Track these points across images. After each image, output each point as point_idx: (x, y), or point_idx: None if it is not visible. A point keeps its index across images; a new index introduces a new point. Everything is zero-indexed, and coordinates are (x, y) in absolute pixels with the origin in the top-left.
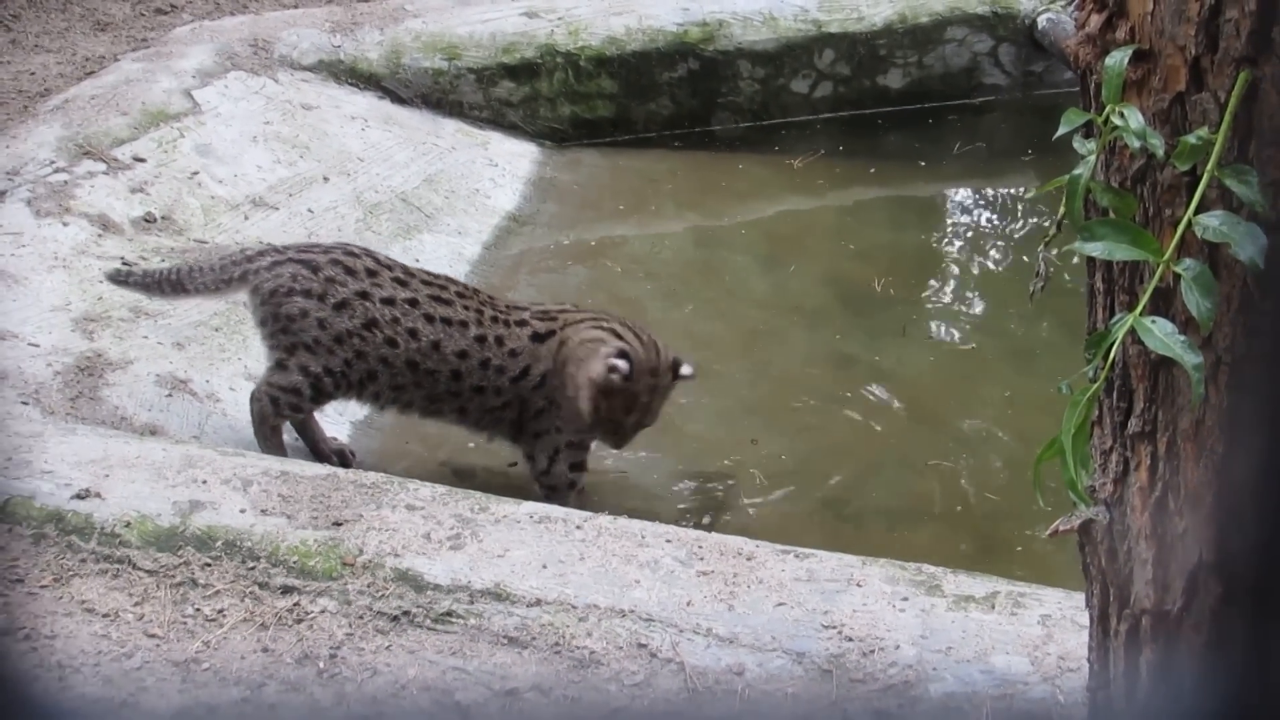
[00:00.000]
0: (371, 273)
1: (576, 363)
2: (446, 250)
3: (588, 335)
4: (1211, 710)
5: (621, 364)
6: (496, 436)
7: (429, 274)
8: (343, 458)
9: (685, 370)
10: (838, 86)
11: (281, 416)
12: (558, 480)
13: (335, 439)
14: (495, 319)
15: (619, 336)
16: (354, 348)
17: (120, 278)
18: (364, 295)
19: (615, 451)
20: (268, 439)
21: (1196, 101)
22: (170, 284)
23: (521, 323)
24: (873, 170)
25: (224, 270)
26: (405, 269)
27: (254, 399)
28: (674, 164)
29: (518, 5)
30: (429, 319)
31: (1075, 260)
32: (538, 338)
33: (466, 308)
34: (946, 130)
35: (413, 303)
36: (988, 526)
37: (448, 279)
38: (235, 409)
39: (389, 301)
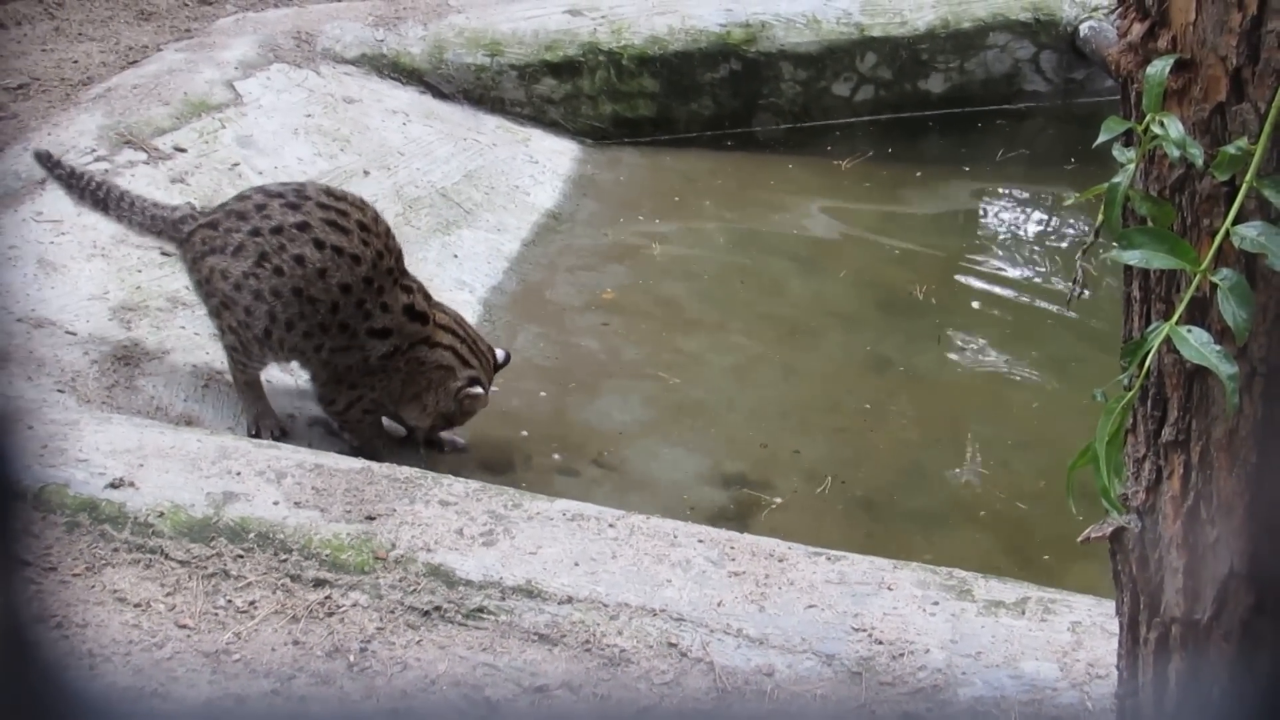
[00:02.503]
0: (260, 207)
1: (433, 388)
2: (485, 246)
3: (443, 360)
4: None
5: (475, 390)
6: (312, 373)
7: (331, 196)
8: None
9: (500, 356)
10: (879, 90)
11: (243, 371)
12: (351, 418)
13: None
14: (388, 272)
15: (466, 363)
16: (251, 289)
17: (46, 161)
18: (255, 232)
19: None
20: (245, 392)
21: (1237, 112)
22: (93, 198)
23: (407, 290)
24: (919, 174)
25: (152, 220)
26: (299, 191)
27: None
28: (714, 164)
29: (561, 3)
30: (318, 245)
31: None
32: (411, 313)
33: (366, 243)
34: (990, 136)
35: (302, 226)
36: (1020, 532)
37: (357, 203)
38: (271, 401)
39: (277, 230)
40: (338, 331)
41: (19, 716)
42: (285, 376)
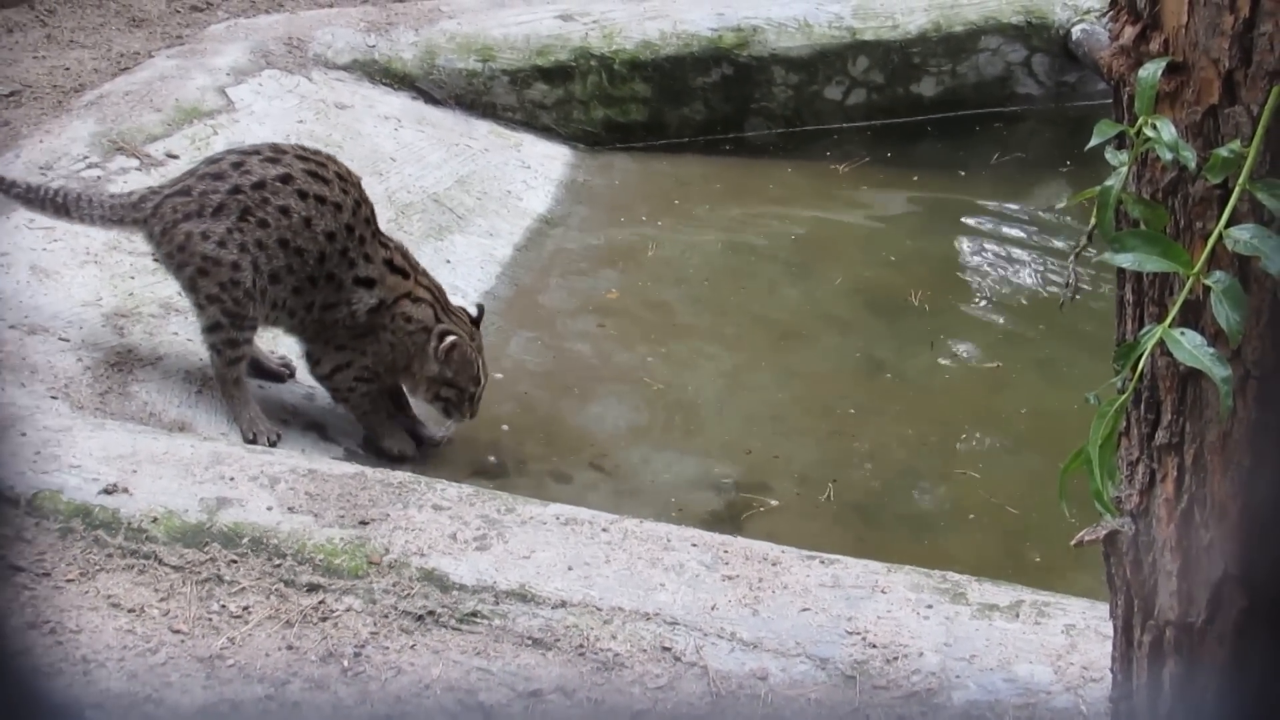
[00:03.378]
0: (238, 164)
1: (418, 353)
2: (478, 251)
3: (424, 317)
4: None
5: (449, 339)
6: (303, 340)
7: (306, 150)
8: (287, 367)
9: (473, 312)
10: (871, 94)
11: (231, 361)
12: (338, 385)
13: (274, 353)
14: (366, 221)
15: (439, 319)
16: (237, 242)
17: (2, 185)
18: (236, 190)
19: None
20: (231, 396)
21: (1229, 115)
22: (54, 205)
23: (384, 245)
24: (915, 178)
25: (112, 210)
26: (275, 147)
27: (210, 363)
28: (706, 169)
29: (553, 8)
30: (301, 195)
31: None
32: (391, 265)
33: (345, 193)
34: (985, 139)
35: (285, 179)
36: (1013, 535)
37: (330, 158)
38: (264, 407)
39: (259, 185)
40: (325, 283)
41: None
42: (276, 388)
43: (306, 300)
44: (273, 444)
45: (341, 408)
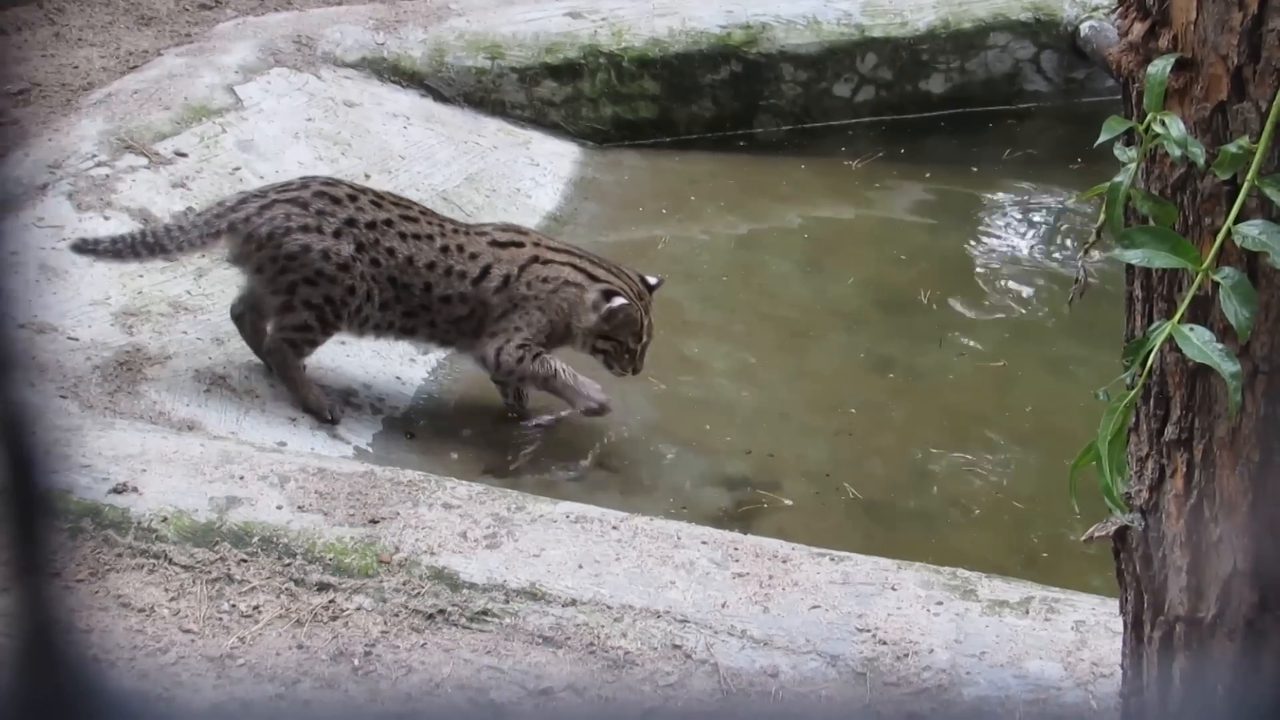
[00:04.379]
0: (352, 198)
1: (570, 305)
2: None
3: (571, 277)
4: (1245, 718)
5: (619, 302)
6: (462, 349)
7: (395, 196)
8: None
9: (652, 280)
10: (879, 91)
11: (302, 356)
12: (510, 363)
13: None
14: (456, 230)
15: (594, 277)
16: (354, 272)
17: (86, 247)
18: (351, 222)
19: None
20: (297, 383)
21: (1238, 111)
22: (146, 246)
23: (482, 233)
24: (927, 174)
25: (208, 224)
26: (375, 193)
27: (271, 351)
28: (715, 166)
29: (561, 5)
30: (402, 236)
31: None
32: (498, 244)
33: (431, 224)
34: (998, 136)
35: (388, 223)
36: (1021, 532)
37: (413, 201)
38: (273, 405)
39: (370, 225)
40: (442, 304)
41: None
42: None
43: (427, 320)
44: (337, 419)
45: (531, 386)
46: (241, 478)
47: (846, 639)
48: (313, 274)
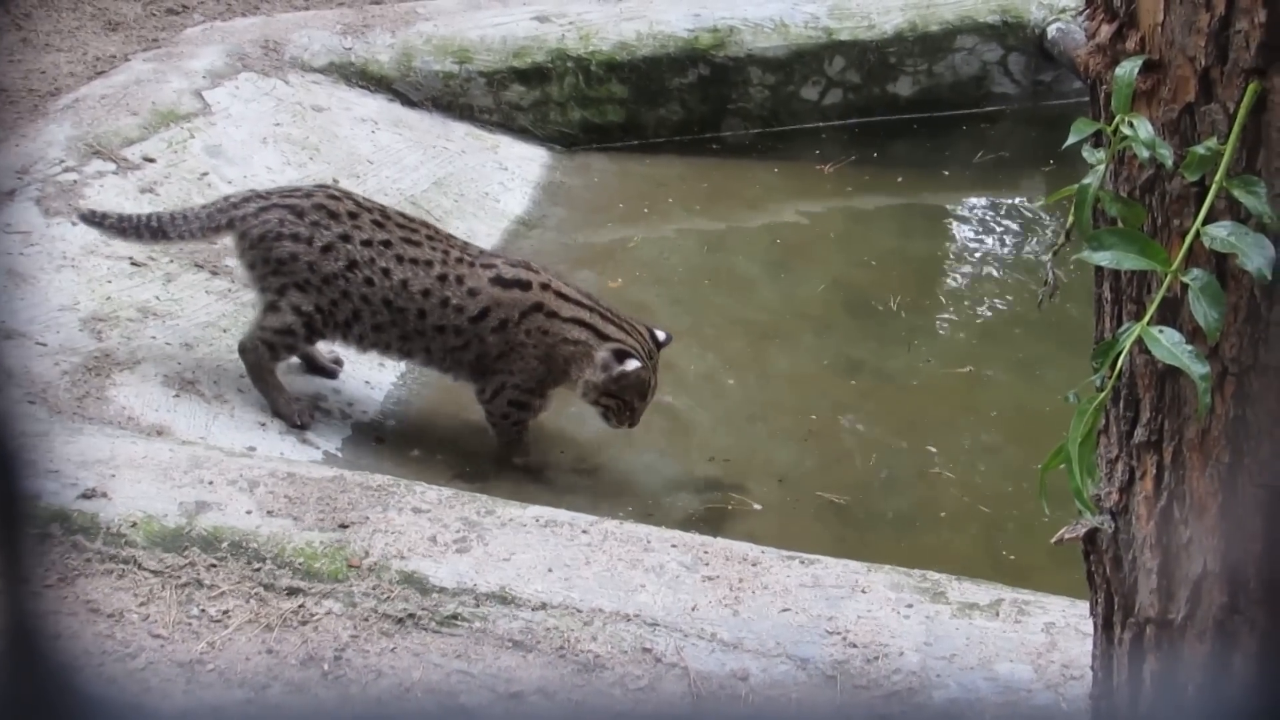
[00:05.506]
0: (353, 215)
1: (575, 362)
2: None
3: (576, 335)
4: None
5: (632, 365)
6: (460, 378)
7: (405, 217)
8: (338, 362)
9: (661, 336)
10: (847, 94)
11: (278, 359)
12: (496, 409)
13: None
14: (460, 260)
15: (603, 335)
16: (339, 288)
17: (94, 219)
18: (345, 238)
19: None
20: (269, 385)
21: (1206, 112)
22: (150, 230)
23: (489, 265)
24: (899, 179)
25: (210, 218)
26: (383, 210)
27: (246, 349)
28: (683, 170)
29: (529, 10)
30: (399, 259)
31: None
32: (502, 282)
33: (434, 249)
34: (966, 139)
35: (386, 244)
36: (991, 534)
37: (424, 223)
38: (242, 410)
39: (367, 243)
40: (436, 333)
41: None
42: (252, 391)
43: (423, 346)
44: (307, 425)
45: (491, 432)
46: (211, 483)
47: (817, 642)
48: (302, 281)
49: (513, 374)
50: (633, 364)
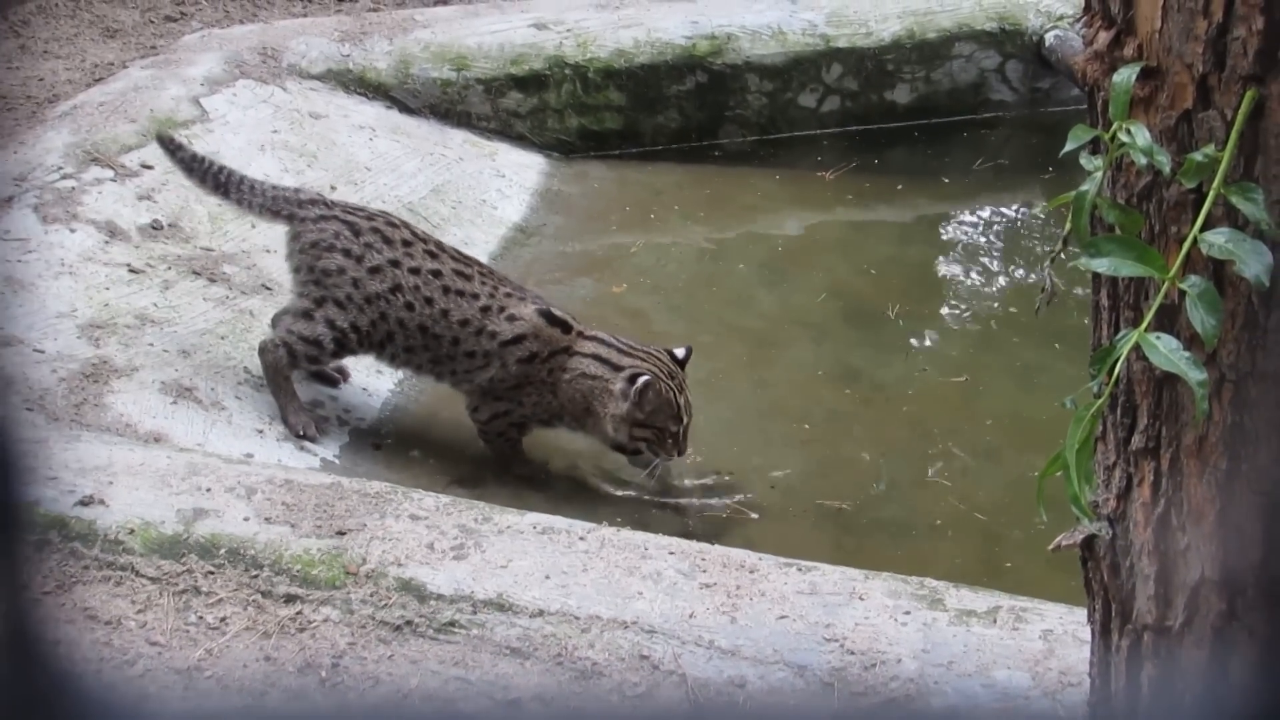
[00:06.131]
0: (407, 244)
1: (588, 394)
2: None
3: (593, 370)
4: None
5: (643, 380)
6: (460, 389)
7: (460, 254)
8: (341, 372)
9: (680, 353)
10: (845, 101)
11: (296, 366)
12: (492, 430)
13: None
14: (509, 295)
15: (617, 366)
16: (379, 309)
17: (171, 145)
18: (395, 263)
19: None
20: (281, 389)
21: (1203, 119)
22: (214, 180)
23: (538, 300)
24: (900, 186)
25: (274, 201)
26: (439, 245)
27: (267, 350)
28: (680, 177)
29: (526, 17)
30: (445, 290)
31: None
32: (548, 316)
33: (484, 283)
34: (966, 146)
35: (436, 274)
36: (988, 541)
37: (479, 263)
38: (240, 417)
39: (415, 271)
40: (465, 358)
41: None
42: (252, 397)
43: (449, 369)
44: (313, 437)
45: (482, 442)
46: (208, 489)
47: (814, 649)
48: (343, 297)
49: (522, 405)
50: (643, 379)
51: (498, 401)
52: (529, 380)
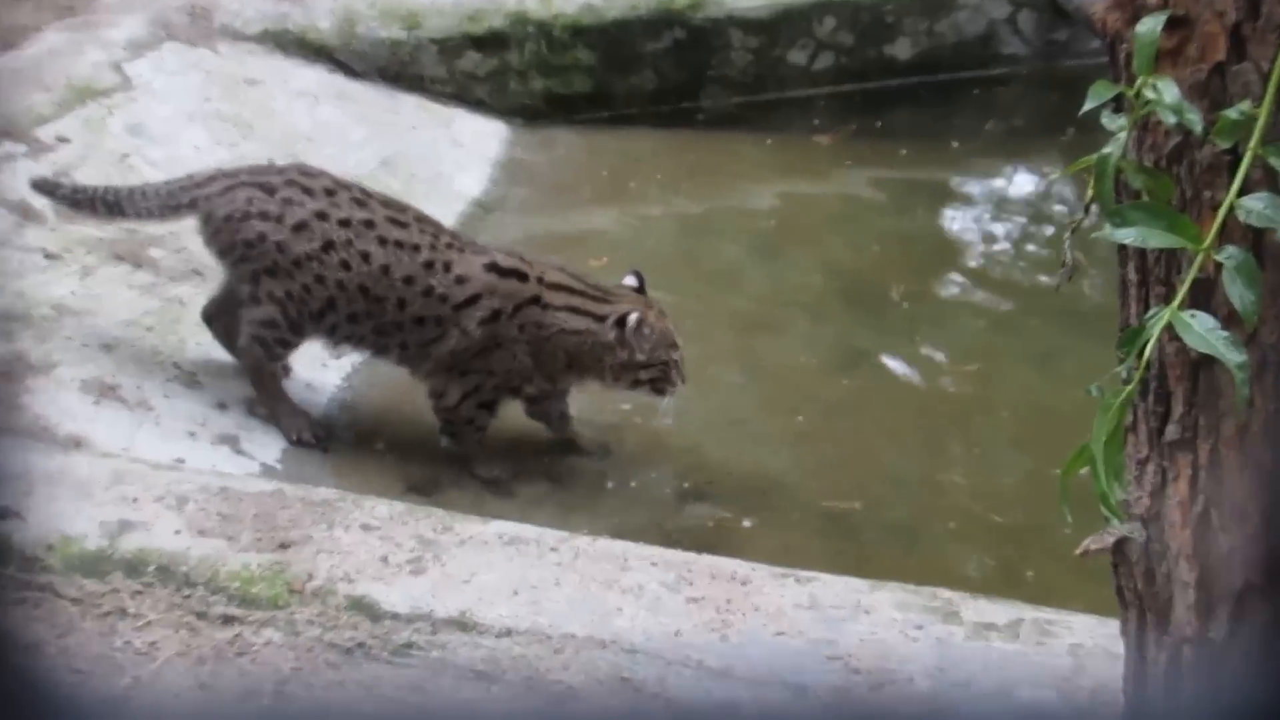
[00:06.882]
0: (329, 192)
1: (586, 353)
2: None
3: (576, 325)
4: None
5: (634, 318)
6: (421, 374)
7: (388, 197)
8: (284, 367)
9: (633, 282)
10: (839, 57)
11: (274, 357)
12: (461, 415)
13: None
14: (450, 246)
15: (599, 317)
16: (312, 271)
17: (47, 187)
18: (321, 215)
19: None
20: (267, 389)
21: (1237, 73)
22: (106, 204)
23: (481, 252)
24: (903, 151)
25: (171, 195)
26: (364, 189)
27: (243, 351)
28: (658, 143)
29: None
30: (382, 241)
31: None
32: (498, 270)
33: (423, 232)
34: (975, 106)
35: (368, 224)
36: (1010, 546)
37: (405, 204)
38: (169, 418)
39: (345, 223)
40: (414, 325)
41: None
42: (183, 395)
43: (398, 340)
44: (320, 443)
45: (445, 439)
46: (135, 499)
47: (815, 668)
48: (271, 264)
49: (493, 374)
50: (634, 316)
51: (465, 378)
52: (497, 342)
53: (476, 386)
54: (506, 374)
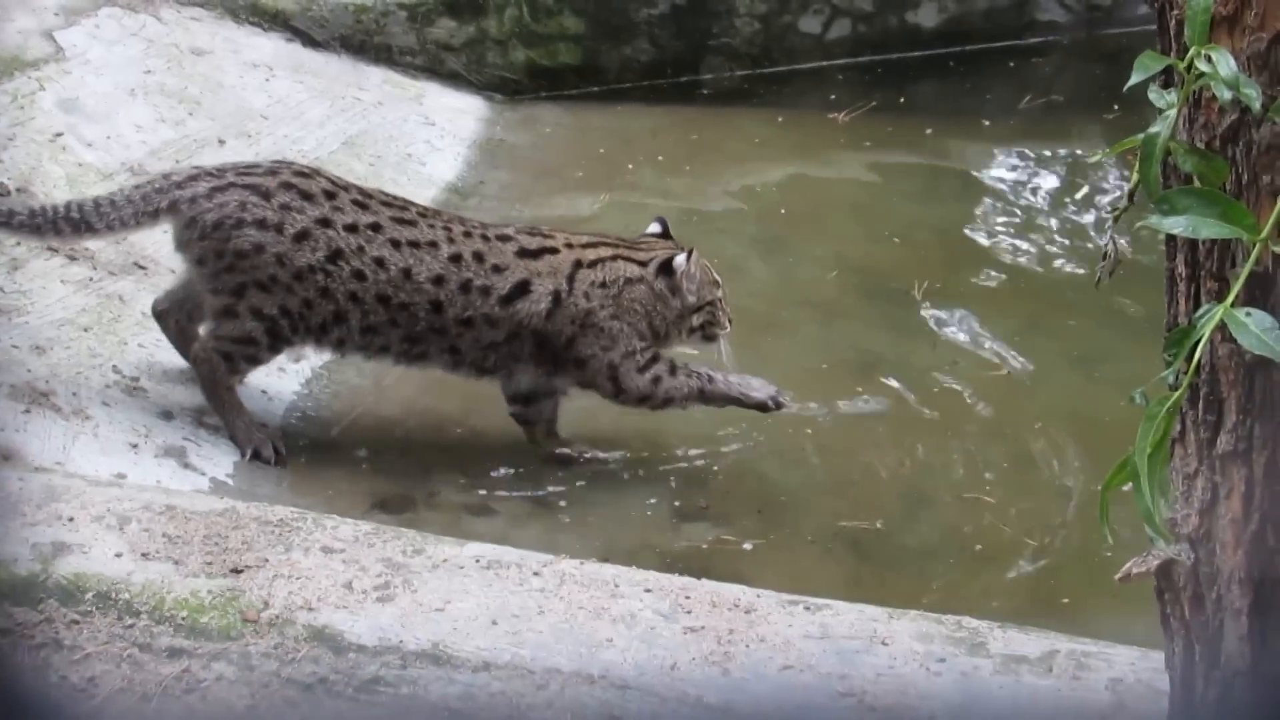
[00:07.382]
0: (329, 195)
1: (643, 301)
2: None
3: (626, 272)
4: None
5: (680, 259)
6: (521, 380)
7: (385, 194)
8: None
9: (657, 228)
10: (857, 25)
11: (236, 373)
12: (638, 387)
13: None
14: (469, 235)
15: (641, 263)
16: (317, 284)
17: (7, 220)
18: (325, 222)
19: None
20: (224, 403)
21: None
22: (70, 223)
23: (504, 238)
24: (929, 130)
25: (146, 200)
26: (361, 189)
27: (200, 360)
28: (655, 121)
29: None
30: (395, 244)
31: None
32: (528, 253)
33: (432, 226)
34: (1009, 80)
35: (375, 227)
36: (1042, 570)
37: (406, 200)
38: (109, 428)
39: (352, 228)
40: (464, 327)
41: None
42: (125, 404)
43: (444, 345)
44: (278, 458)
45: (679, 407)
46: (71, 519)
47: (827, 705)
48: (266, 279)
49: (615, 345)
50: (680, 258)
51: (590, 363)
52: (581, 324)
53: (611, 364)
54: (623, 339)
